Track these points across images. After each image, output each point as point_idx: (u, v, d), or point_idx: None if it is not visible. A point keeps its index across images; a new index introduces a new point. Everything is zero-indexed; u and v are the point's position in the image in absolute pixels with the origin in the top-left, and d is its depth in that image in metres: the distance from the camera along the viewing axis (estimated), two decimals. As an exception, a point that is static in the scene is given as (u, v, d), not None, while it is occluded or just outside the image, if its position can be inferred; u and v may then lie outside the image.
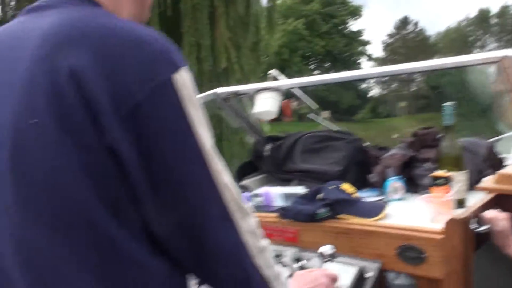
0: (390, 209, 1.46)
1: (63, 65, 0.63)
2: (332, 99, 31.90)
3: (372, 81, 41.20)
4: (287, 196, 1.67)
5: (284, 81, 2.10)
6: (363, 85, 41.83)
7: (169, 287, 0.71)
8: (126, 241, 0.65)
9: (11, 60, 0.69)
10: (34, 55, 0.65)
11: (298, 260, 1.34)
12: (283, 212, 1.51)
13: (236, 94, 2.19)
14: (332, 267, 1.21)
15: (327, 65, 38.92)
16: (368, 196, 1.63)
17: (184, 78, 0.67)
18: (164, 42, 0.68)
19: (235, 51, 9.48)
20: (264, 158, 2.05)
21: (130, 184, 0.64)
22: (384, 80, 40.54)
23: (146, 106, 0.63)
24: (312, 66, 38.47)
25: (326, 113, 2.55)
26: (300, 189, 1.68)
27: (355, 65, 38.57)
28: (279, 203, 1.66)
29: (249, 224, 0.72)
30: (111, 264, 0.65)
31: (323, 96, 29.17)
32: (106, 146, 0.63)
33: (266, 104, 1.97)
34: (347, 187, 1.51)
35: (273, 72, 2.16)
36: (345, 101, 35.37)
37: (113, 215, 0.64)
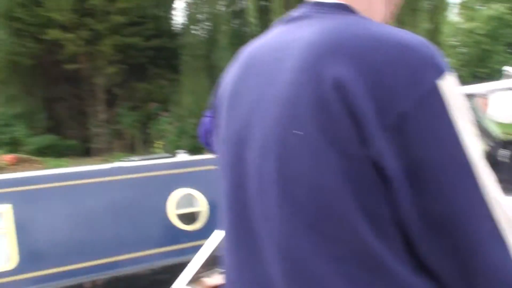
0: None
1: (327, 75, 0.66)
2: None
3: None
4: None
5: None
6: None
7: None
8: (390, 259, 0.67)
9: (273, 72, 0.75)
10: (296, 66, 0.70)
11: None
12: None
13: (468, 95, 2.05)
14: None
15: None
16: None
17: (450, 84, 0.67)
18: (428, 45, 0.68)
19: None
20: (500, 165, 1.79)
21: (394, 199, 0.66)
22: None
23: (411, 115, 0.64)
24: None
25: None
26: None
27: None
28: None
29: None
30: (375, 282, 0.67)
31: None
32: (369, 157, 0.65)
33: (506, 105, 1.79)
34: None
35: (510, 69, 2.01)
36: None
37: (376, 231, 0.66)
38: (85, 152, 17.85)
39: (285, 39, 0.77)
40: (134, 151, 16.85)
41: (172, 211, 4.56)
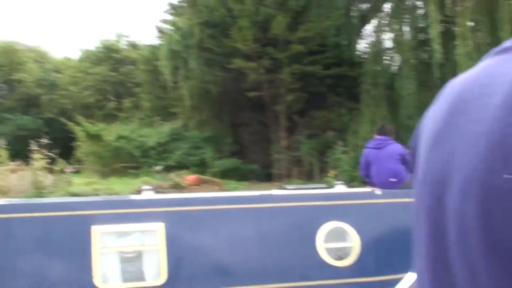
0: None
1: None
2: None
3: None
4: None
5: None
6: None
7: None
8: None
9: (479, 109, 0.70)
10: (505, 103, 0.65)
11: None
12: None
13: None
14: None
15: None
16: None
17: None
18: None
19: None
20: None
21: None
22: None
23: None
24: None
25: None
26: None
27: None
28: None
29: None
30: None
31: None
32: None
33: None
34: None
35: None
36: None
37: None
38: (266, 177, 18.61)
39: (493, 72, 0.72)
40: (311, 178, 17.07)
41: (321, 244, 4.46)
